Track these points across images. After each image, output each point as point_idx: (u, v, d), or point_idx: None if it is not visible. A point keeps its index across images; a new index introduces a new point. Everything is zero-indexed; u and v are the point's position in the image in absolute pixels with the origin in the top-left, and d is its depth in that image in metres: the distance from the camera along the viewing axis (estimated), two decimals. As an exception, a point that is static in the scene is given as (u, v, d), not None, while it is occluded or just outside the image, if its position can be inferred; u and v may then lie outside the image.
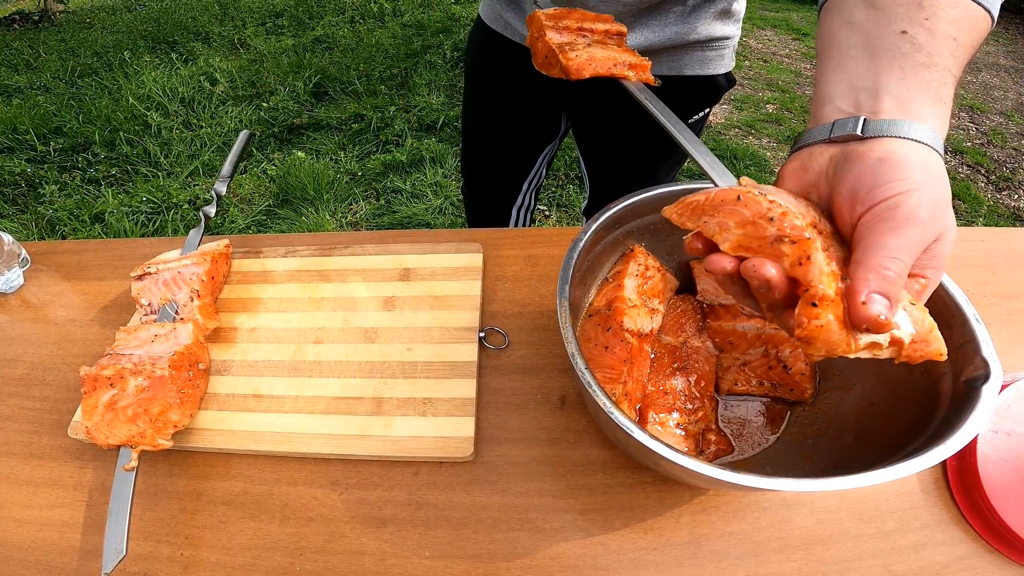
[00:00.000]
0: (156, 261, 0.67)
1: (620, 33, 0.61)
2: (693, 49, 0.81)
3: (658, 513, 0.51)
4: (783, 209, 0.35)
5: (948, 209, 0.36)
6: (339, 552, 0.50)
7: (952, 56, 0.40)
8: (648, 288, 0.56)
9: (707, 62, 0.83)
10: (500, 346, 0.63)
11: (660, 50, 0.80)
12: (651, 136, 0.92)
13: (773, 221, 0.34)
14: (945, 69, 0.40)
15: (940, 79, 0.40)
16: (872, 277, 0.32)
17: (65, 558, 0.51)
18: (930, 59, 0.40)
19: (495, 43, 0.93)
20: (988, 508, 0.48)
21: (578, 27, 0.61)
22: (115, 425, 0.52)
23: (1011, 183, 2.61)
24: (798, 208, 0.36)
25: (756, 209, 0.35)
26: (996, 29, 4.26)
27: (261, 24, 3.99)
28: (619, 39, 0.61)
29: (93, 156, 2.64)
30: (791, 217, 0.34)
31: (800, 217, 0.35)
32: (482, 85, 1.03)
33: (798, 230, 0.34)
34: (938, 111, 0.40)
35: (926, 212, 0.34)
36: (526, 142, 1.08)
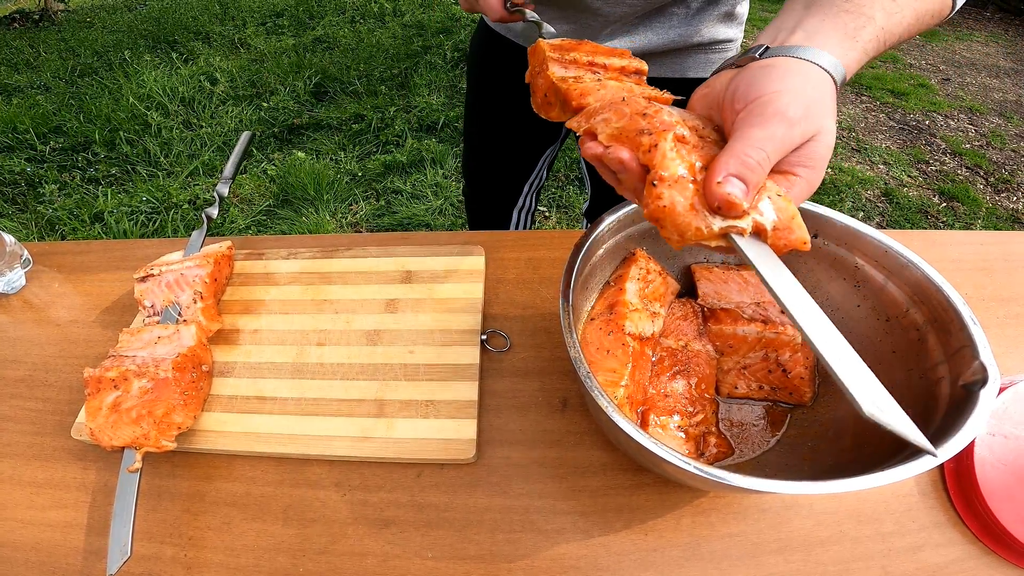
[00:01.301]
0: (159, 263, 0.67)
1: (639, 71, 0.50)
2: (696, 52, 0.81)
3: (659, 515, 0.51)
4: (658, 109, 0.37)
5: (825, 115, 0.38)
6: (342, 553, 0.50)
7: (885, 11, 0.42)
8: (649, 292, 0.56)
9: (710, 64, 0.83)
10: (502, 349, 0.64)
11: (664, 53, 0.80)
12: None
13: (646, 117, 0.37)
14: (869, 17, 0.42)
15: (857, 23, 0.42)
16: (731, 162, 0.34)
17: (69, 559, 0.51)
18: (856, 7, 0.43)
19: (497, 45, 0.93)
20: (985, 510, 0.48)
21: (588, 61, 0.50)
22: (119, 427, 0.52)
23: (1010, 185, 2.62)
24: (682, 116, 0.38)
25: (635, 107, 0.38)
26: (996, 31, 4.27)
27: (261, 24, 3.99)
28: (638, 78, 0.50)
29: (93, 156, 2.64)
30: (662, 114, 0.36)
31: (671, 115, 0.37)
32: (483, 87, 1.03)
33: (664, 124, 0.36)
34: (846, 45, 0.41)
35: (796, 111, 0.36)
36: (527, 144, 1.08)
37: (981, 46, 4.04)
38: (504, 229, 1.24)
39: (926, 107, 3.20)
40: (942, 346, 0.45)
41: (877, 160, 2.76)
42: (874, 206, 2.45)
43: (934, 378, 0.45)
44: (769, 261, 0.34)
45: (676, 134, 0.36)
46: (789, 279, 0.33)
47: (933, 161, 2.76)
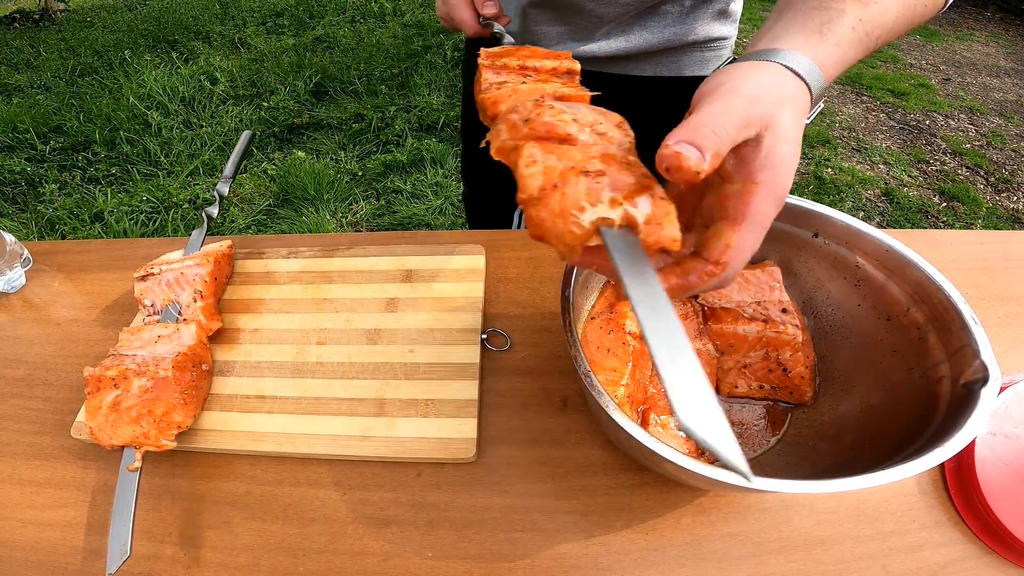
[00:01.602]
0: (159, 262, 0.67)
1: (571, 72, 0.49)
2: (692, 50, 0.81)
3: (659, 514, 0.51)
4: (540, 111, 0.35)
5: (781, 103, 0.36)
6: (341, 552, 0.50)
7: (858, 2, 0.41)
8: (649, 290, 0.56)
9: (706, 63, 0.83)
10: (502, 348, 0.64)
11: (660, 51, 0.80)
12: (651, 135, 0.93)
13: (528, 122, 0.34)
14: (838, 11, 0.41)
15: (825, 17, 0.41)
16: (681, 131, 0.33)
17: (68, 558, 0.51)
18: (824, 3, 0.42)
19: (491, 45, 0.93)
20: (986, 510, 0.48)
21: (519, 66, 0.49)
22: (119, 426, 0.52)
23: (1010, 185, 2.62)
24: (583, 113, 0.36)
25: (523, 113, 0.35)
26: (996, 31, 4.27)
27: (262, 23, 3.99)
28: (568, 78, 0.49)
29: (93, 155, 2.65)
30: (544, 115, 0.34)
31: (560, 113, 0.35)
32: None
33: (536, 128, 0.34)
34: (812, 41, 0.40)
35: (749, 90, 0.35)
36: None
37: (981, 46, 4.03)
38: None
39: (926, 107, 3.20)
40: (943, 345, 0.45)
41: (877, 160, 2.76)
42: (874, 206, 2.46)
43: (935, 377, 0.45)
44: (631, 254, 0.30)
45: (558, 132, 0.34)
46: (646, 274, 0.29)
47: (933, 161, 2.76)
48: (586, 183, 0.32)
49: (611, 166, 0.33)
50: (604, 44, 0.80)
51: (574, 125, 0.35)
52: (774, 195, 0.35)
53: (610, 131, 0.36)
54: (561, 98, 0.41)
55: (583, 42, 0.80)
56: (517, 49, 0.50)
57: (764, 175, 0.35)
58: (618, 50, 0.79)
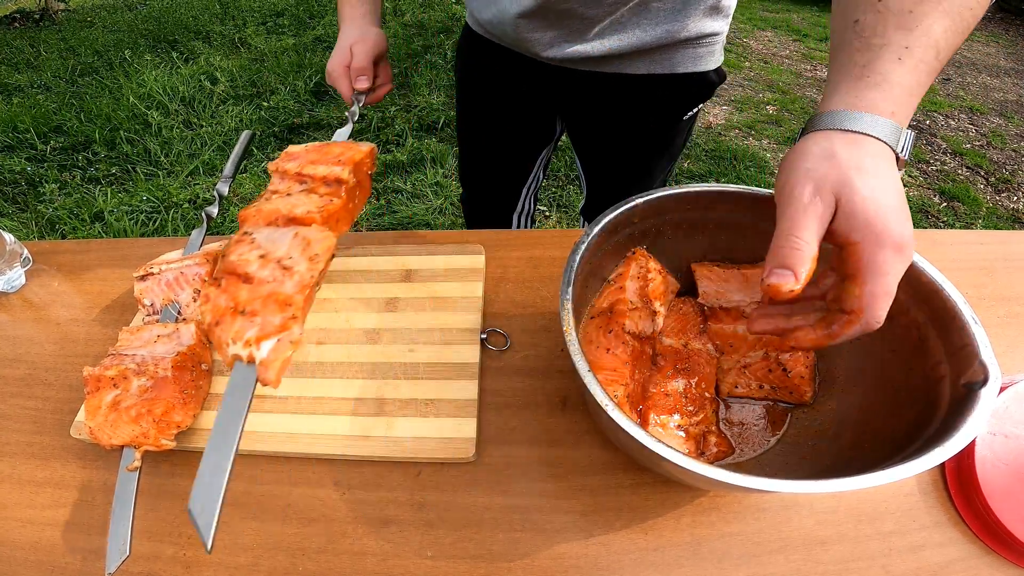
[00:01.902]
0: (159, 261, 0.67)
1: (339, 181, 0.54)
2: (685, 47, 0.82)
3: (659, 514, 0.51)
4: (239, 240, 0.47)
5: (849, 183, 0.38)
6: (341, 552, 0.50)
7: (901, 28, 0.41)
8: (650, 290, 0.56)
9: (698, 59, 0.84)
10: (502, 347, 0.64)
11: (653, 49, 0.81)
12: (646, 133, 0.93)
13: (224, 257, 0.46)
14: (880, 45, 0.42)
15: (867, 57, 0.42)
16: (772, 255, 0.39)
17: (68, 558, 0.51)
18: (867, 42, 0.42)
19: (483, 48, 0.93)
20: (986, 510, 0.48)
21: (297, 173, 0.55)
22: (118, 425, 0.52)
23: (1010, 185, 2.61)
24: (279, 250, 0.46)
25: (224, 250, 0.47)
26: (996, 31, 4.26)
27: (262, 23, 3.99)
28: (335, 187, 0.54)
29: (93, 155, 2.64)
30: (232, 254, 0.46)
31: (245, 253, 0.46)
32: (474, 92, 1.03)
33: (230, 265, 0.45)
34: (857, 88, 0.42)
35: (809, 192, 0.39)
36: (523, 147, 1.08)
37: (982, 46, 4.03)
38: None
39: (926, 107, 3.20)
40: (943, 345, 0.45)
41: (877, 160, 2.75)
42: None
43: (935, 377, 0.45)
44: (243, 384, 0.39)
45: (238, 272, 0.43)
46: (239, 404, 0.38)
47: (933, 161, 2.76)
48: (239, 323, 0.40)
49: (268, 306, 0.41)
50: (597, 44, 0.80)
51: (257, 263, 0.43)
52: (880, 244, 0.37)
53: (297, 264, 0.44)
54: (293, 220, 0.49)
55: (576, 43, 0.81)
56: (294, 155, 0.57)
57: (857, 234, 0.38)
58: (612, 49, 0.80)
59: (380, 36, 0.78)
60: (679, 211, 0.57)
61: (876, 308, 0.38)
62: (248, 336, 0.40)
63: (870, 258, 0.38)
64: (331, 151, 0.57)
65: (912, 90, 0.41)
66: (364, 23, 0.78)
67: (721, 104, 3.16)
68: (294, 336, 0.41)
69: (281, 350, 0.40)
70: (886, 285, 0.38)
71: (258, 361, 0.39)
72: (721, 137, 2.84)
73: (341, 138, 0.65)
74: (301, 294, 0.42)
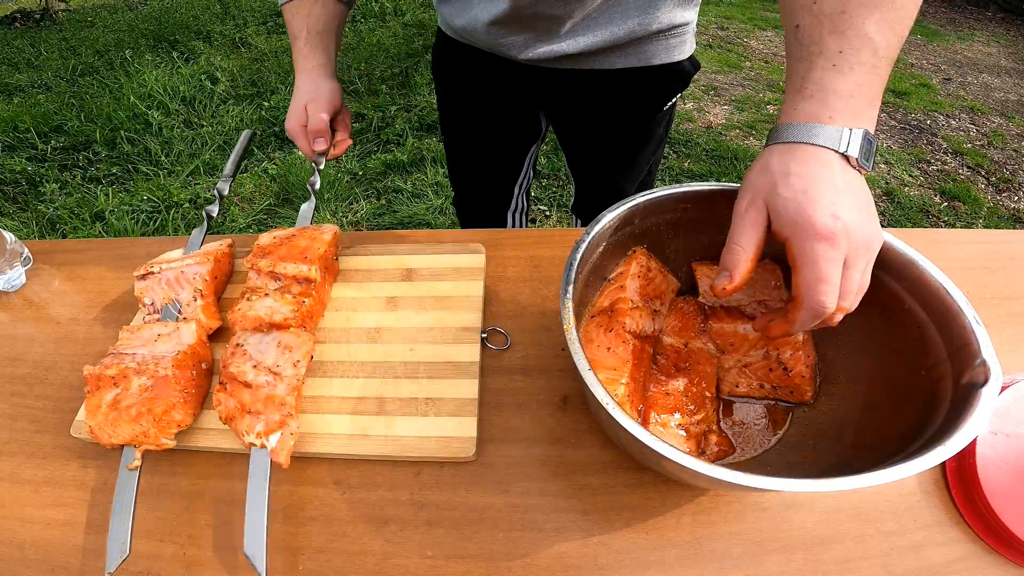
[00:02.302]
0: (159, 260, 0.67)
1: (308, 280, 0.62)
2: (657, 39, 0.83)
3: (659, 513, 0.51)
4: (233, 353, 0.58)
5: (774, 189, 0.43)
6: (341, 551, 0.50)
7: (834, 32, 0.44)
8: (650, 289, 0.56)
9: (671, 49, 0.85)
10: (502, 346, 0.64)
11: (626, 43, 0.81)
12: (627, 125, 0.95)
13: (226, 367, 0.56)
14: (817, 53, 0.44)
15: (805, 66, 0.45)
16: (722, 256, 0.46)
17: (68, 557, 0.51)
18: (806, 50, 0.45)
19: (459, 52, 0.93)
20: (987, 509, 0.48)
21: (270, 271, 0.63)
22: (119, 424, 0.52)
23: (1011, 185, 2.61)
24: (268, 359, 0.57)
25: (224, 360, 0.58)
26: (997, 31, 4.26)
27: (262, 23, 4.00)
28: (306, 286, 0.62)
29: (94, 155, 2.65)
30: (231, 365, 0.57)
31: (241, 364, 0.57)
32: (454, 95, 1.04)
33: (230, 375, 0.56)
34: (796, 100, 0.45)
35: (745, 203, 0.45)
36: (509, 145, 1.09)
37: (982, 46, 4.03)
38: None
39: (927, 107, 3.20)
40: (944, 344, 0.45)
41: (878, 159, 2.76)
42: (875, 205, 2.45)
43: (936, 376, 0.45)
44: (262, 461, 0.51)
45: (238, 380, 0.54)
46: (260, 476, 0.50)
47: (934, 161, 2.76)
48: (248, 420, 0.52)
49: (269, 406, 0.53)
50: (571, 42, 0.81)
51: (252, 372, 0.55)
52: (806, 236, 0.41)
53: (286, 370, 0.55)
54: (274, 326, 0.59)
55: (549, 44, 0.82)
56: (267, 250, 0.65)
57: (787, 231, 0.43)
58: (586, 46, 0.81)
59: (334, 91, 0.78)
60: (680, 210, 0.57)
61: (814, 294, 0.41)
62: (258, 430, 0.52)
63: (799, 250, 0.42)
64: (297, 244, 0.65)
65: (852, 92, 0.43)
66: (317, 76, 0.78)
67: (722, 104, 3.15)
68: (292, 429, 0.52)
69: (285, 441, 0.51)
70: (818, 272, 0.41)
71: (269, 448, 0.51)
72: (722, 137, 2.84)
73: (305, 215, 0.75)
74: (291, 395, 0.54)
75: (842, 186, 0.42)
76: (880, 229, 0.44)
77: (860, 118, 0.44)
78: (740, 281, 0.45)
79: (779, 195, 0.43)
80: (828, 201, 0.41)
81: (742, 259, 0.45)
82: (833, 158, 0.43)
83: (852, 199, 0.42)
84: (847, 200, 0.42)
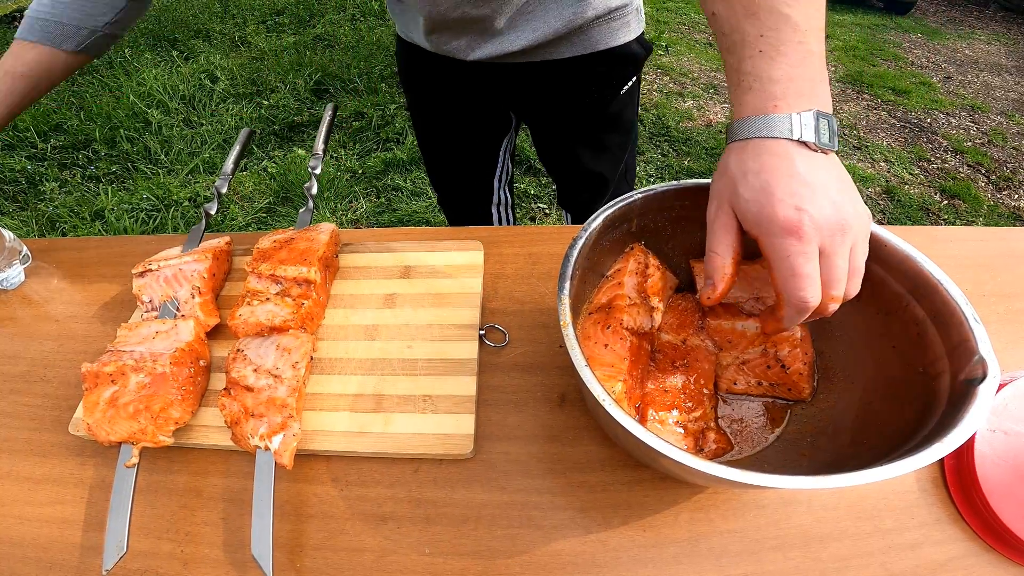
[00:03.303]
0: (157, 258, 0.67)
1: (308, 281, 0.62)
2: (598, 24, 0.83)
3: (657, 511, 0.51)
4: (234, 356, 0.58)
5: (735, 191, 0.43)
6: (339, 549, 0.50)
7: (749, 15, 0.43)
8: (648, 286, 0.56)
9: (614, 32, 0.85)
10: (500, 343, 0.64)
11: (568, 33, 0.82)
12: (588, 111, 0.96)
13: (228, 372, 0.57)
14: (741, 42, 0.44)
15: (734, 58, 0.44)
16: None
17: (66, 555, 0.51)
18: (729, 39, 0.44)
19: (417, 56, 0.94)
20: (985, 507, 0.48)
21: (271, 274, 0.63)
22: (116, 422, 0.52)
23: (1011, 183, 2.61)
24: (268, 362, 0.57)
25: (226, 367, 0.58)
26: (997, 29, 4.25)
27: (262, 22, 3.99)
28: (306, 287, 0.62)
29: (93, 154, 2.64)
30: (233, 371, 0.57)
31: (243, 369, 0.57)
32: (420, 97, 1.05)
33: (232, 380, 0.56)
34: (736, 95, 0.45)
35: (713, 210, 0.45)
36: (480, 141, 1.10)
37: (983, 44, 4.03)
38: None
39: (928, 105, 3.20)
40: (942, 341, 0.45)
41: (878, 158, 2.76)
42: (875, 204, 2.45)
43: (934, 373, 0.45)
44: (267, 463, 0.51)
45: (240, 384, 0.54)
46: (265, 475, 0.50)
47: (934, 159, 2.76)
48: (252, 423, 0.52)
49: (271, 409, 0.53)
50: (512, 38, 0.81)
51: (253, 376, 0.55)
52: (771, 233, 0.41)
53: (285, 372, 0.55)
54: (274, 329, 0.60)
55: (491, 43, 0.82)
56: (267, 254, 0.65)
57: (755, 231, 0.42)
58: (529, 41, 0.81)
59: None
60: (678, 207, 0.57)
61: (792, 290, 0.41)
62: (261, 432, 0.52)
63: (769, 248, 0.41)
64: (296, 247, 0.65)
65: (789, 75, 0.42)
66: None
67: (721, 102, 3.15)
68: (295, 431, 0.52)
69: (288, 442, 0.52)
70: (790, 267, 0.40)
71: (272, 451, 0.51)
72: (721, 135, 2.84)
73: (304, 220, 0.72)
74: (292, 397, 0.53)
75: (804, 174, 0.41)
76: (861, 208, 0.43)
77: (806, 98, 0.42)
78: (724, 287, 0.45)
79: (740, 196, 0.43)
80: (788, 193, 0.40)
81: (721, 265, 0.45)
82: (788, 147, 0.42)
83: (817, 186, 0.41)
84: (810, 189, 0.40)
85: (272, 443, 0.51)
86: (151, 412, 0.53)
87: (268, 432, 0.52)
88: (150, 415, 0.53)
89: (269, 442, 0.51)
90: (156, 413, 0.53)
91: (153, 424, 0.53)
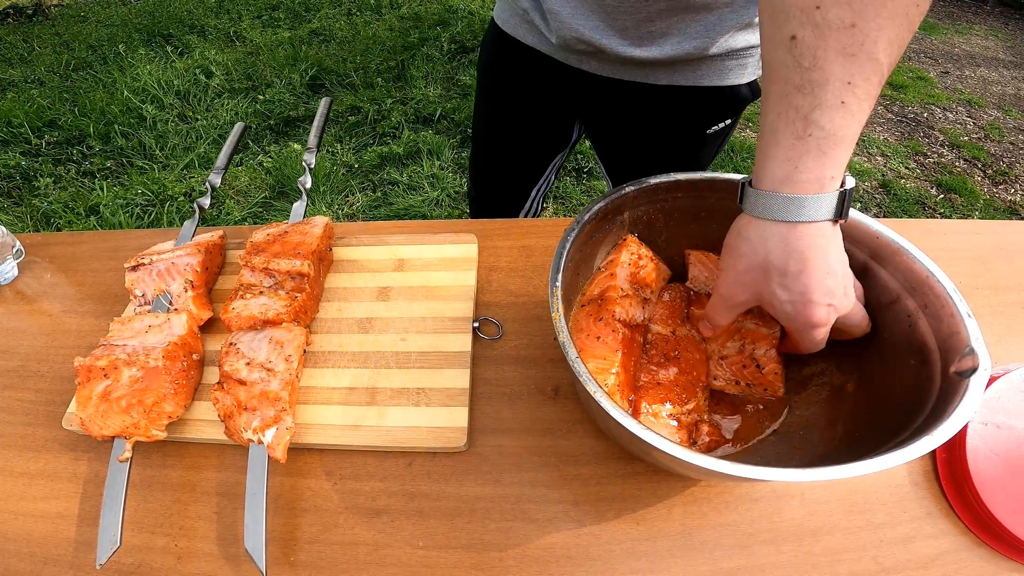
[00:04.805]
0: (150, 252, 0.66)
1: (301, 275, 0.62)
2: (712, 60, 0.77)
3: (650, 504, 0.51)
4: (226, 350, 0.58)
5: (772, 291, 0.44)
6: (333, 543, 0.50)
7: (843, 54, 0.37)
8: (641, 278, 0.56)
9: (726, 72, 0.79)
10: (494, 336, 0.63)
11: (679, 62, 0.77)
12: (666, 145, 0.90)
13: (221, 365, 0.57)
14: (823, 81, 0.37)
15: (808, 102, 0.38)
16: (708, 306, 0.52)
17: (59, 550, 0.51)
18: (807, 76, 0.38)
19: (508, 48, 0.90)
20: (977, 501, 0.48)
21: (264, 268, 0.63)
22: (109, 416, 0.52)
23: (1007, 177, 2.61)
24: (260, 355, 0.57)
25: (219, 359, 0.57)
26: (995, 24, 4.25)
27: (257, 17, 3.96)
28: (299, 281, 0.62)
29: (88, 149, 2.63)
30: (225, 364, 0.56)
31: (235, 362, 0.56)
32: (495, 90, 1.01)
33: (225, 374, 0.56)
34: (797, 151, 0.40)
35: (736, 294, 0.47)
36: (537, 151, 1.05)
37: (980, 39, 4.02)
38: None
39: (924, 99, 3.19)
40: (933, 333, 0.45)
41: (875, 152, 2.76)
42: (871, 197, 2.45)
43: (925, 366, 0.45)
44: (260, 457, 0.51)
45: (232, 378, 0.54)
46: (259, 469, 0.50)
47: (931, 153, 2.76)
48: (245, 416, 0.52)
49: (264, 402, 0.53)
50: (631, 53, 0.76)
51: (246, 370, 0.55)
52: (807, 328, 0.45)
53: (278, 365, 0.55)
54: (268, 322, 0.59)
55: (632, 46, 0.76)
56: (260, 248, 0.65)
57: (783, 321, 0.47)
58: (635, 56, 0.76)
59: None
60: (671, 198, 0.57)
61: (812, 348, 0.48)
62: (254, 426, 0.52)
63: (798, 334, 0.47)
64: (290, 240, 0.65)
65: (854, 136, 0.39)
66: None
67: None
68: (288, 425, 0.52)
69: (281, 436, 0.52)
70: (812, 341, 0.47)
71: (266, 444, 0.51)
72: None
73: (297, 213, 0.73)
74: (285, 390, 0.54)
75: (834, 264, 0.42)
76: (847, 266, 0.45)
77: (846, 165, 0.40)
78: (719, 326, 0.52)
79: (777, 297, 0.44)
80: (823, 294, 0.42)
81: (721, 323, 0.52)
82: (829, 231, 0.41)
83: (839, 274, 0.43)
84: (836, 280, 0.43)
85: (265, 437, 0.51)
86: (144, 406, 0.53)
87: (261, 426, 0.52)
88: (143, 409, 0.52)
89: (262, 436, 0.51)
90: (149, 407, 0.53)
91: (146, 418, 0.53)
